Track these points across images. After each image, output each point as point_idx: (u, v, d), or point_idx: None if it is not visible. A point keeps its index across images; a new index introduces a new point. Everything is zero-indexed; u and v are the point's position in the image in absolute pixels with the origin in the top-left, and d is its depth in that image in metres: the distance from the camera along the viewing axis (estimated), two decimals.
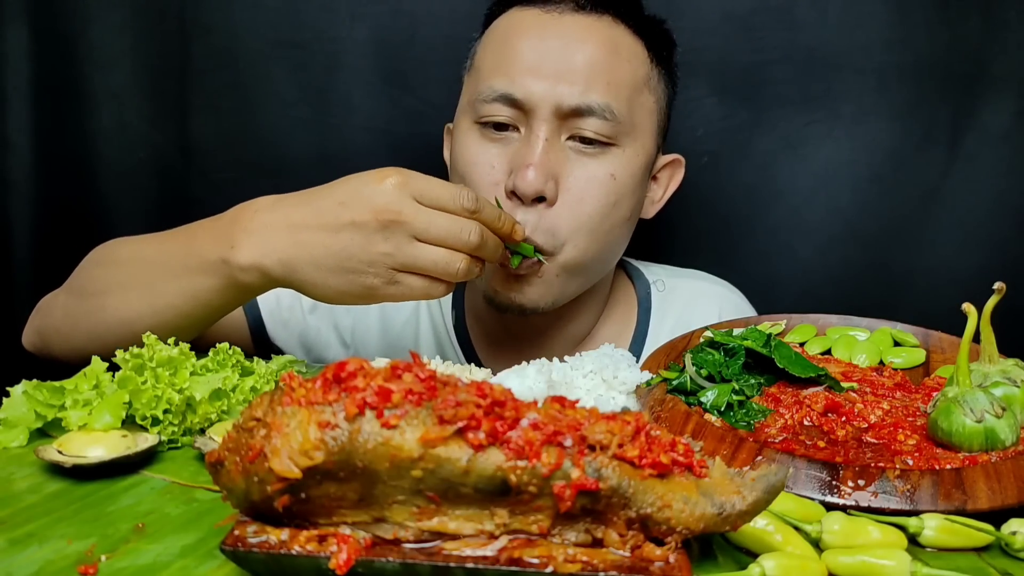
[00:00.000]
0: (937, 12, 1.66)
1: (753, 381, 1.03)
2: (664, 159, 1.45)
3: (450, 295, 1.55)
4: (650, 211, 1.46)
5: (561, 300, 1.36)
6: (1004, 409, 0.88)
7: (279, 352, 1.54)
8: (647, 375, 1.06)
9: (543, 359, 1.11)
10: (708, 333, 1.13)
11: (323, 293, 1.12)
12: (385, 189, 1.08)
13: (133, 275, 1.24)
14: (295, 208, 1.12)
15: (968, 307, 0.92)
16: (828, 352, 1.17)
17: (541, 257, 1.26)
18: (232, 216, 1.16)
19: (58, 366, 1.24)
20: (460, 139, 1.35)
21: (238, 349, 1.09)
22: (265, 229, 1.12)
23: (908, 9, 1.67)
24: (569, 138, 1.29)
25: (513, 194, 1.26)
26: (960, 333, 0.93)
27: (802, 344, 1.17)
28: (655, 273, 1.60)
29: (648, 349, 1.50)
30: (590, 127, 1.28)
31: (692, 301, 1.56)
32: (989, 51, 1.66)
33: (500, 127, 1.30)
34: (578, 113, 1.27)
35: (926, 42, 1.67)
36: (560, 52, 1.29)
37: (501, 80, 1.29)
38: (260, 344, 1.54)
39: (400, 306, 1.56)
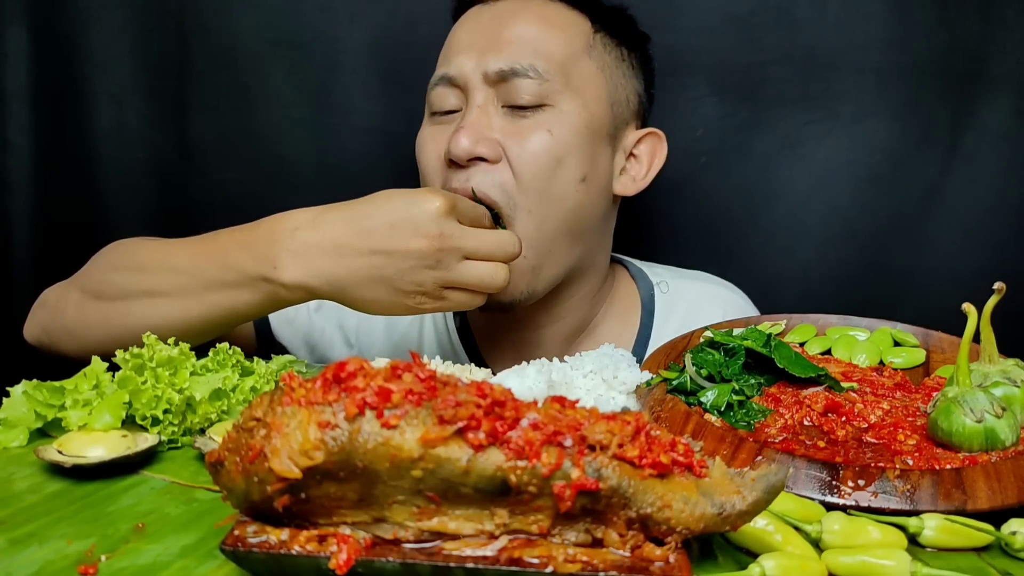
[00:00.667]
0: (936, 12, 1.67)
1: (753, 381, 1.03)
2: (637, 133, 1.46)
3: (444, 325, 1.57)
4: (631, 188, 1.45)
5: (539, 288, 1.36)
6: (1004, 409, 0.88)
7: (284, 350, 1.55)
8: (647, 375, 1.06)
9: (543, 359, 1.11)
10: (708, 333, 1.13)
11: (371, 309, 1.16)
12: (435, 215, 1.11)
13: (162, 284, 1.23)
14: (339, 228, 1.13)
15: (968, 307, 0.92)
16: (828, 352, 1.17)
17: (502, 224, 1.29)
18: (268, 232, 1.16)
19: (59, 364, 1.23)
20: (420, 132, 1.41)
21: (238, 349, 1.09)
22: (310, 250, 1.13)
23: (907, 9, 1.67)
24: (504, 106, 1.32)
25: (451, 162, 1.30)
26: (960, 333, 0.93)
27: (802, 344, 1.17)
28: (658, 274, 1.60)
29: (651, 351, 1.48)
30: (521, 90, 1.31)
31: (696, 303, 1.56)
32: (988, 50, 1.66)
33: (447, 113, 1.36)
34: (504, 77, 1.31)
35: (925, 42, 1.68)
36: (489, 29, 1.35)
37: (442, 66, 1.37)
38: (265, 342, 1.55)
39: None
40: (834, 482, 0.82)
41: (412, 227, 1.10)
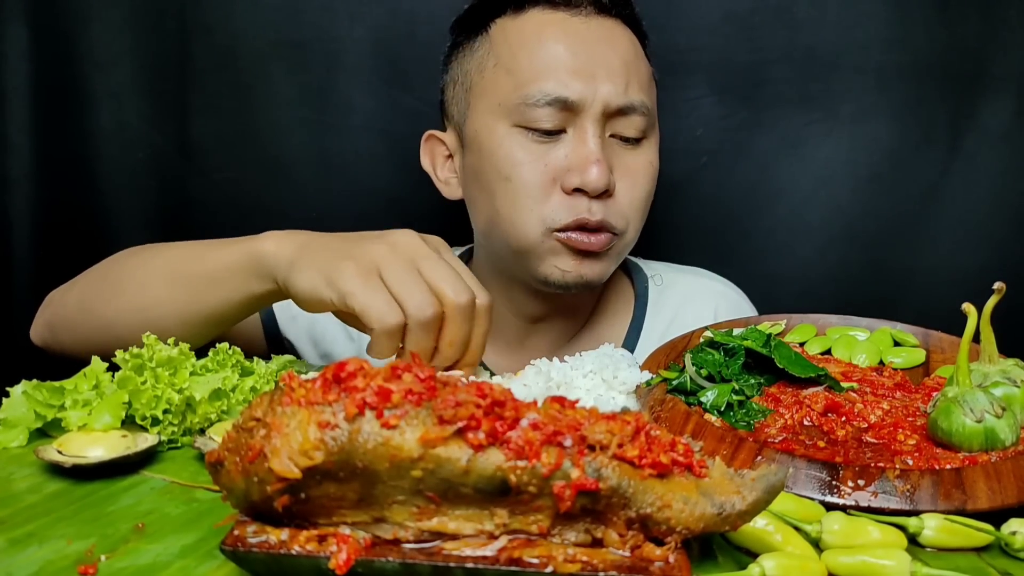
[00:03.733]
0: (936, 12, 1.67)
1: (753, 381, 1.03)
2: None
3: None
4: None
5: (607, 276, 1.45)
6: (1004, 409, 0.88)
7: (292, 347, 1.57)
8: (647, 375, 1.07)
9: (543, 358, 1.12)
10: (708, 333, 1.13)
11: (299, 282, 1.11)
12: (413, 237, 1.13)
13: (159, 277, 1.27)
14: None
15: (968, 307, 0.92)
16: (828, 352, 1.17)
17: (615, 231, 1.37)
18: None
19: (59, 365, 1.21)
20: (500, 142, 1.35)
21: (238, 349, 1.09)
22: (291, 234, 1.19)
23: (907, 9, 1.67)
24: (611, 135, 1.35)
25: (576, 191, 1.32)
26: (960, 333, 0.93)
27: (802, 344, 1.18)
28: (654, 269, 1.62)
29: (642, 342, 1.53)
30: (632, 124, 1.36)
31: (689, 297, 1.59)
32: (988, 51, 1.66)
33: (547, 132, 1.34)
34: (622, 112, 1.34)
35: (925, 42, 1.68)
36: (601, 53, 1.35)
37: (550, 83, 1.32)
38: (273, 340, 1.57)
39: None
40: (834, 482, 0.82)
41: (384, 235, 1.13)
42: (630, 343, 1.53)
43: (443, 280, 1.06)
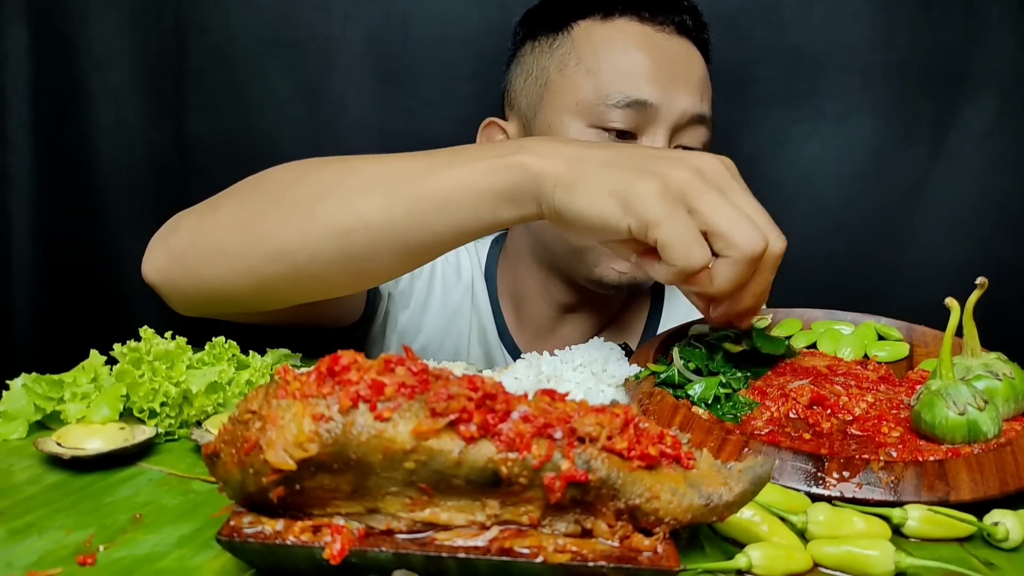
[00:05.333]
0: (920, 12, 1.68)
1: (740, 375, 1.03)
2: None
3: (485, 290, 1.61)
4: None
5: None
6: (986, 402, 0.89)
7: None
8: (635, 368, 1.07)
9: (534, 352, 1.13)
10: (697, 327, 1.14)
11: (579, 198, 0.93)
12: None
13: (367, 179, 1.06)
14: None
15: (951, 301, 0.93)
16: (814, 346, 1.18)
17: None
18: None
19: (60, 358, 1.12)
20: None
21: (234, 343, 1.10)
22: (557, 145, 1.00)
23: (892, 9, 1.69)
24: (675, 147, 1.38)
25: None
26: (943, 327, 0.94)
27: (788, 338, 1.18)
28: None
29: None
30: (699, 136, 1.40)
31: None
32: (971, 51, 1.68)
33: (621, 133, 1.36)
34: (693, 121, 1.38)
35: (909, 42, 1.69)
36: (681, 67, 1.39)
37: (631, 86, 1.35)
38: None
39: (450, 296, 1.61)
40: (819, 473, 0.83)
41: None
42: (650, 334, 1.57)
43: (758, 216, 0.93)
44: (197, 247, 1.12)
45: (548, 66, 1.44)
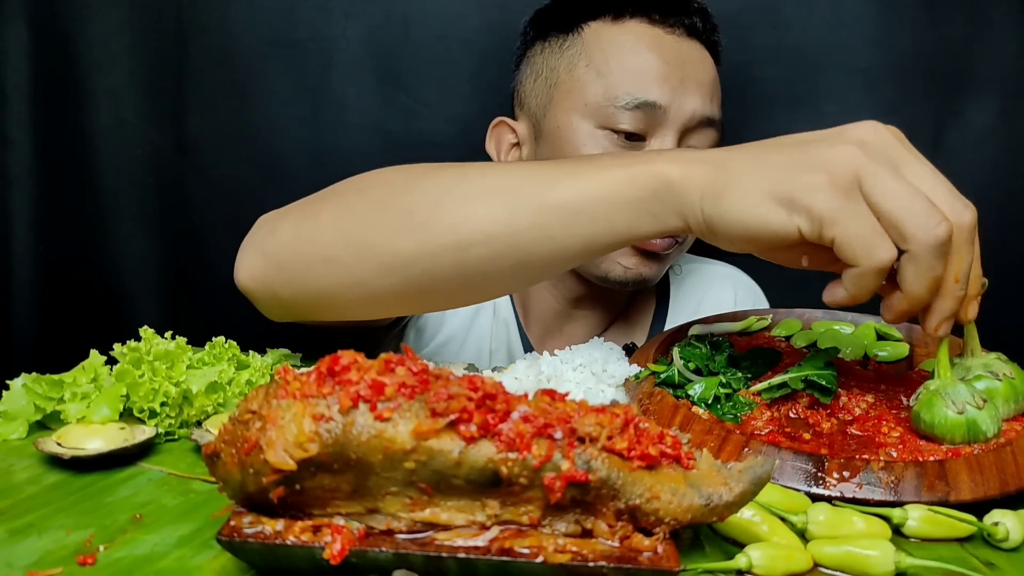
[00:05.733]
0: (921, 12, 1.68)
1: (740, 375, 1.03)
2: None
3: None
4: None
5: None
6: (985, 401, 0.89)
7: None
8: (635, 368, 1.07)
9: (534, 352, 1.13)
10: (696, 327, 1.14)
11: (731, 206, 0.84)
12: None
13: (486, 185, 0.96)
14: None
15: None
16: (814, 346, 1.18)
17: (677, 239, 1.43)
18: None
19: (60, 358, 1.11)
20: (583, 141, 1.39)
21: (234, 343, 1.10)
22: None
23: (893, 9, 1.69)
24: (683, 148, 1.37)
25: None
26: None
27: (788, 338, 1.18)
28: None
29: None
30: (707, 139, 1.41)
31: (709, 282, 1.66)
32: (972, 51, 1.68)
33: (629, 135, 1.37)
34: (702, 124, 1.39)
35: (910, 42, 1.69)
36: (690, 69, 1.39)
37: (641, 87, 1.36)
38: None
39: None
40: (819, 474, 0.83)
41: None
42: (657, 331, 1.58)
43: (936, 191, 0.81)
44: (299, 255, 1.03)
45: (558, 66, 1.44)
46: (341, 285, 0.99)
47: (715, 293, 1.64)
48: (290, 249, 1.03)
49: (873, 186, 0.78)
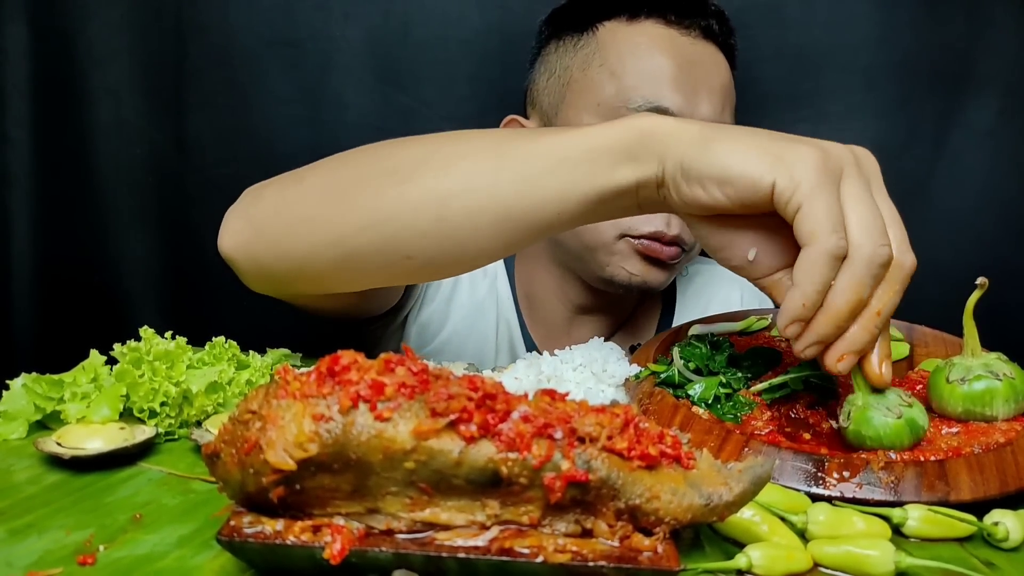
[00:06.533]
0: (923, 12, 1.69)
1: (740, 375, 1.03)
2: None
3: (508, 286, 1.61)
4: None
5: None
6: (909, 399, 0.89)
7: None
8: (636, 368, 1.07)
9: (534, 352, 1.13)
10: (696, 327, 1.14)
11: (731, 156, 0.85)
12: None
13: (470, 149, 0.97)
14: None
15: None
16: None
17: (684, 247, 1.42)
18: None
19: (60, 358, 1.11)
20: None
21: (234, 343, 1.10)
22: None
23: (895, 8, 1.69)
24: None
25: None
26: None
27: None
28: None
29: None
30: None
31: (714, 282, 1.66)
32: (974, 50, 1.68)
33: None
34: None
35: (912, 41, 1.70)
36: (704, 74, 1.39)
37: (653, 92, 1.36)
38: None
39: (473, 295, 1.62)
40: (819, 474, 0.83)
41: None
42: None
43: (894, 226, 0.85)
44: (281, 217, 1.05)
45: (571, 65, 1.44)
46: (322, 244, 1.00)
47: (722, 294, 1.64)
48: (273, 212, 1.06)
49: (849, 188, 0.82)
